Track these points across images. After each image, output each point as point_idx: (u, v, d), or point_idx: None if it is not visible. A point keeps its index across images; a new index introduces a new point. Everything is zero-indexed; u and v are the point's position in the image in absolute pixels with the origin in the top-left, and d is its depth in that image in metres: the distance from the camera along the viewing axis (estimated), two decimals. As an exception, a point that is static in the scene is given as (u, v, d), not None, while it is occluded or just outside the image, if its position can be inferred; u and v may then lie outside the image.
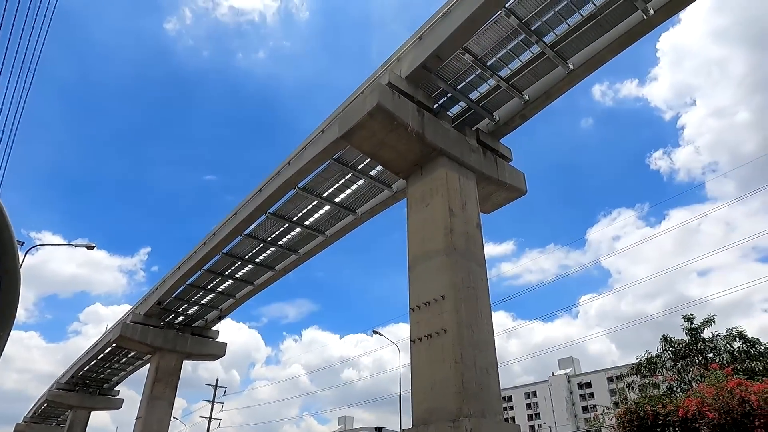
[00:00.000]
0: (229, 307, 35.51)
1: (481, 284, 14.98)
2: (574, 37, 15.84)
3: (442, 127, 16.67)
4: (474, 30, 15.32)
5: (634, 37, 15.51)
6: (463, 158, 16.68)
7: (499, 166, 18.37)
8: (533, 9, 15.18)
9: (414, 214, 16.40)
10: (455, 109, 18.68)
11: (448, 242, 14.64)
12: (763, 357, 20.37)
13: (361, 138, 16.11)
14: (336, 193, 23.56)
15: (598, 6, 15.00)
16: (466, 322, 13.56)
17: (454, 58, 16.52)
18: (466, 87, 17.74)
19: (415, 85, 16.53)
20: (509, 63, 16.93)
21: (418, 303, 14.59)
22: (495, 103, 18.37)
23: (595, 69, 16.73)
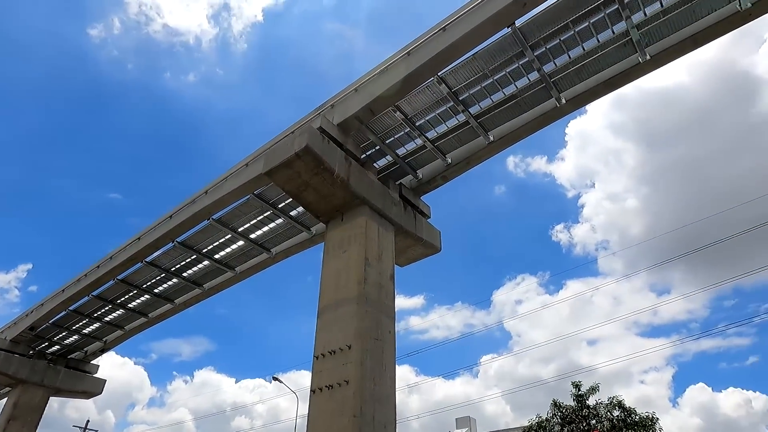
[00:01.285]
0: (116, 340, 32.33)
1: (389, 337, 14.98)
2: (497, 112, 17.18)
3: (367, 177, 17.01)
4: (407, 91, 16.15)
5: (547, 120, 17.12)
6: (384, 210, 17.03)
7: (418, 222, 18.94)
8: (463, 81, 16.35)
9: (330, 259, 16.28)
10: (382, 161, 19.24)
11: (360, 291, 14.61)
12: (638, 426, 21.97)
13: (285, 177, 15.97)
14: (252, 230, 22.88)
15: (519, 88, 16.48)
16: (369, 375, 13.37)
17: (386, 113, 17.20)
18: (395, 142, 18.42)
19: (345, 133, 16.88)
20: (436, 126, 17.90)
21: (323, 351, 14.22)
22: (420, 162, 19.18)
23: (512, 143, 18.15)
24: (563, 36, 15.02)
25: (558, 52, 15.45)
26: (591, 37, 15.01)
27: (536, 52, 15.34)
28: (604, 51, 15.29)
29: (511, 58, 15.67)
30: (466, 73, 16.16)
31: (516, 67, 15.88)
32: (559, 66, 15.77)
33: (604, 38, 15.00)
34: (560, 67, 15.81)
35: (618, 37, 14.91)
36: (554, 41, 15.16)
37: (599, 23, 14.65)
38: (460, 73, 16.14)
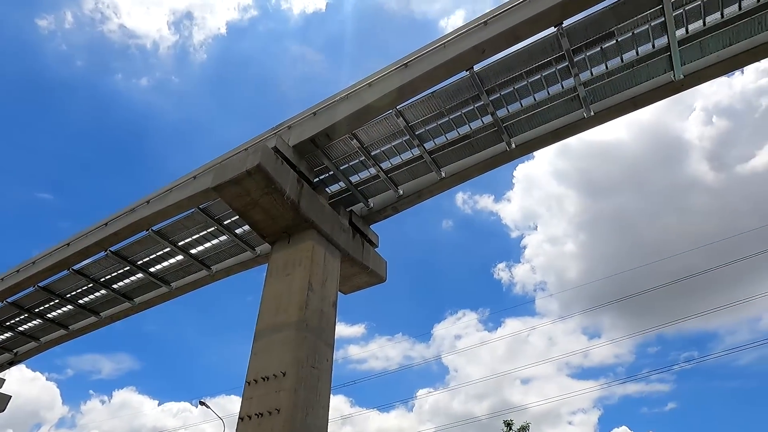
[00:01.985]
0: (29, 352, 29.75)
1: (326, 365, 14.65)
2: (450, 150, 17.68)
3: (318, 202, 16.91)
4: (366, 120, 16.38)
5: (497, 162, 17.79)
6: (332, 235, 16.92)
7: (365, 251, 18.92)
8: (420, 117, 16.78)
9: (272, 281, 15.89)
10: (335, 187, 19.23)
11: (301, 317, 14.29)
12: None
13: (234, 193, 15.60)
14: (194, 245, 22.03)
15: (473, 129, 17.09)
16: (302, 404, 12.96)
17: (342, 140, 17.31)
18: (349, 169, 18.50)
19: (300, 155, 16.80)
20: (391, 158, 18.17)
21: (256, 376, 13.69)
22: (372, 191, 19.31)
23: (463, 181, 18.67)
24: (517, 85, 15.82)
25: (511, 99, 16.22)
26: (542, 89, 15.90)
27: (491, 97, 16.04)
28: (553, 103, 16.21)
29: (467, 100, 16.29)
30: (424, 110, 16.61)
31: (471, 109, 16.51)
32: (512, 112, 16.54)
33: (554, 91, 15.93)
34: (512, 114, 16.58)
35: (566, 91, 15.87)
36: (508, 89, 15.93)
37: (550, 77, 15.56)
38: (418, 108, 16.57)
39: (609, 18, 14.20)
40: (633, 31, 14.46)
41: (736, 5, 13.84)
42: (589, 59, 15.10)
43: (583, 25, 14.33)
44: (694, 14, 14.08)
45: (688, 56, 14.88)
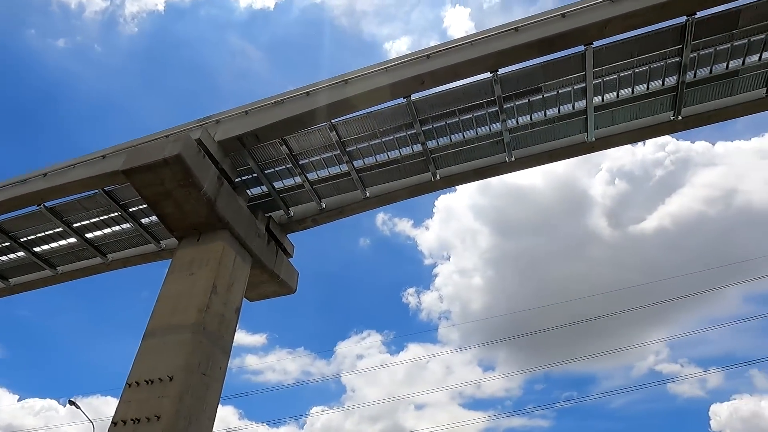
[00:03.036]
0: None
1: (218, 373, 13.96)
2: (378, 171, 17.93)
3: (236, 203, 16.32)
4: (298, 128, 16.20)
5: (421, 190, 18.30)
6: (246, 239, 16.35)
7: (279, 259, 18.48)
8: (353, 134, 16.90)
9: (174, 279, 14.98)
10: (256, 190, 18.69)
11: (199, 320, 13.55)
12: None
13: (146, 181, 14.64)
14: (91, 228, 20.27)
15: (403, 155, 17.49)
16: (186, 413, 12.19)
17: (271, 144, 16.96)
18: (274, 175, 18.11)
19: (224, 152, 16.20)
20: (319, 170, 18.05)
21: (139, 378, 12.70)
22: (294, 200, 19.00)
23: (386, 204, 18.96)
24: (449, 120, 16.49)
25: (442, 133, 16.86)
26: (472, 128, 16.69)
27: (424, 127, 16.56)
28: (480, 143, 17.07)
29: (401, 126, 16.69)
30: (358, 128, 16.77)
31: (404, 135, 16.92)
32: (441, 145, 17.17)
33: (482, 132, 16.79)
34: (441, 147, 17.21)
35: (493, 134, 16.79)
36: (441, 122, 16.56)
37: (481, 118, 16.40)
38: (353, 126, 16.69)
39: (539, 74, 15.33)
40: (558, 90, 15.70)
41: (644, 85, 15.54)
42: (517, 108, 16.14)
43: (516, 76, 15.34)
44: (610, 86, 15.61)
45: (601, 122, 16.40)
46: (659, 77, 15.36)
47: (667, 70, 15.18)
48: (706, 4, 13.52)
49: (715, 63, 15.06)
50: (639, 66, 15.14)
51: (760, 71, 15.17)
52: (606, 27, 13.74)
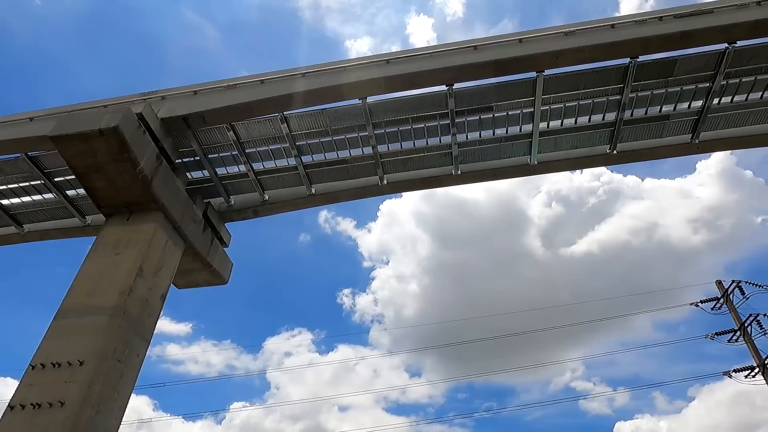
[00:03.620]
0: None
1: (135, 361, 13.24)
2: (326, 169, 17.79)
3: (174, 184, 15.61)
4: (248, 116, 15.78)
5: (367, 193, 18.34)
6: (181, 223, 15.66)
7: (213, 248, 17.85)
8: (304, 129, 16.68)
9: (96, 257, 14.08)
10: (197, 174, 17.99)
11: (120, 303, 12.80)
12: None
13: (77, 151, 13.68)
14: (7, 194, 18.68)
15: (352, 156, 17.46)
16: (95, 401, 11.46)
17: (218, 128, 16.40)
18: (217, 160, 17.51)
19: (167, 131, 15.46)
20: (265, 160, 17.65)
21: (45, 361, 11.80)
22: (236, 188, 18.46)
23: (331, 203, 18.84)
24: (402, 127, 16.66)
25: (393, 139, 16.99)
26: (423, 137, 16.96)
27: (376, 131, 16.63)
28: (429, 153, 17.37)
29: (353, 127, 16.65)
30: (310, 123, 16.57)
31: (356, 136, 16.90)
32: (391, 151, 17.30)
33: (432, 143, 17.10)
34: (391, 152, 17.34)
35: (443, 146, 17.14)
36: (393, 128, 16.70)
37: (432, 129, 16.69)
38: (305, 120, 16.47)
39: (492, 94, 15.84)
40: (508, 112, 16.29)
41: (587, 117, 16.45)
42: (468, 124, 16.58)
43: (470, 92, 15.76)
44: (556, 114, 16.39)
45: (544, 147, 17.17)
46: (600, 112, 16.31)
47: (608, 106, 16.15)
48: (648, 50, 14.53)
49: (650, 105, 16.21)
50: (584, 99, 16.01)
51: (688, 118, 16.48)
52: (558, 58, 14.43)
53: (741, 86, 15.76)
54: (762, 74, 15.46)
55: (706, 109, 16.03)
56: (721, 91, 15.73)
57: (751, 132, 16.77)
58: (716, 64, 15.07)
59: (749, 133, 16.78)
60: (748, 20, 13.68)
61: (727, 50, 14.68)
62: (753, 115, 16.49)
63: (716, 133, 16.86)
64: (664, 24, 14.13)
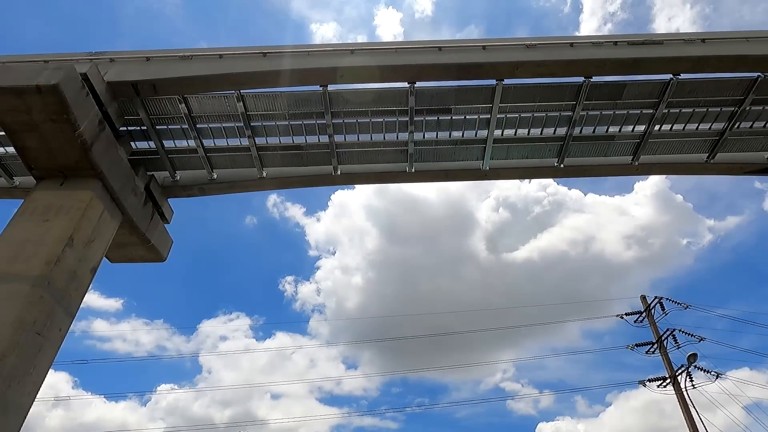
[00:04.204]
0: None
1: (56, 335, 12.49)
2: (279, 154, 17.45)
3: (116, 153, 14.81)
4: (203, 90, 15.20)
5: (320, 182, 18.15)
6: (120, 194, 14.88)
7: (153, 223, 17.10)
8: (261, 110, 16.26)
9: (22, 221, 13.13)
10: (142, 144, 17.14)
11: (45, 273, 12.02)
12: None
13: (10, 105, 12.67)
14: (-76, 145, 17.06)
15: (308, 143, 17.21)
16: (7, 375, 10.72)
17: (169, 99, 15.70)
18: (166, 132, 16.76)
19: (113, 95, 14.62)
20: (217, 138, 17.08)
21: (-47, 329, 10.90)
22: (184, 164, 17.76)
23: (281, 188, 18.52)
24: (361, 119, 16.60)
25: (351, 130, 16.90)
26: (381, 132, 16.97)
27: (335, 120, 16.47)
28: (386, 148, 17.41)
29: (312, 114, 16.42)
30: (268, 105, 16.18)
31: (313, 123, 16.67)
32: (348, 142, 17.21)
33: (390, 138, 17.15)
34: (348, 143, 17.25)
35: (399, 143, 17.23)
36: (352, 119, 16.61)
37: (390, 125, 16.74)
38: (262, 101, 16.07)
39: (452, 96, 16.07)
40: (465, 116, 16.59)
41: (539, 129, 17.04)
42: (426, 123, 16.75)
43: (431, 92, 15.92)
44: (510, 123, 16.86)
45: (497, 154, 17.63)
46: (552, 126, 16.94)
47: (560, 121, 16.80)
48: (602, 72, 15.21)
49: (598, 124, 17.00)
50: (538, 111, 16.57)
51: (632, 141, 17.42)
52: (518, 68, 14.83)
53: (680, 116, 16.83)
54: (699, 107, 16.58)
55: (647, 134, 17.01)
56: (662, 118, 16.73)
57: (684, 160, 17.96)
58: (660, 93, 16.01)
59: (682, 160, 17.97)
60: (692, 55, 14.61)
61: (672, 81, 15.64)
62: (687, 144, 17.66)
63: (654, 157, 17.93)
64: (618, 49, 14.83)
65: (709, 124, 17.04)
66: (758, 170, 18.13)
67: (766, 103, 16.52)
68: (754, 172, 18.28)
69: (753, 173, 18.41)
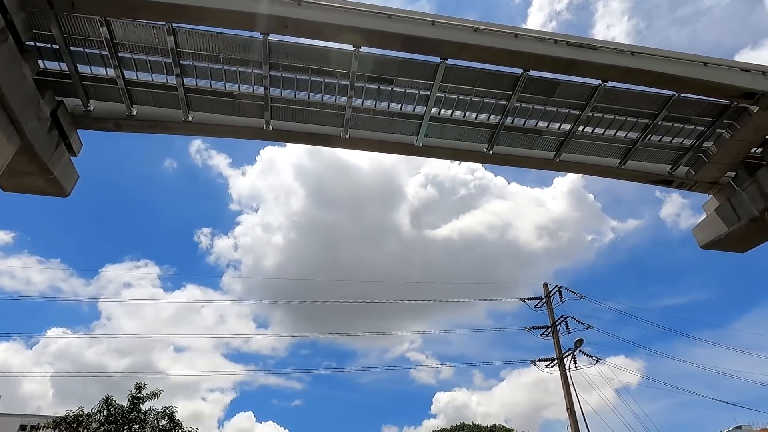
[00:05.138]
0: None
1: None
2: (209, 98, 16.47)
3: (18, 69, 13.20)
4: (129, 15, 13.85)
5: (249, 134, 17.43)
6: (20, 116, 13.33)
7: (58, 154, 15.60)
8: (194, 48, 15.17)
9: None
10: (53, 65, 15.41)
11: None
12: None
13: None
14: None
15: (242, 92, 16.36)
16: None
17: (90, 19, 14.17)
18: (80, 55, 15.16)
19: (21, 3, 12.92)
20: (140, 71, 15.75)
21: None
22: (100, 94, 16.24)
23: (207, 135, 17.58)
24: (300, 75, 16.03)
25: (289, 85, 16.29)
26: (319, 92, 16.52)
27: (272, 72, 15.75)
28: (323, 110, 17.01)
29: (249, 62, 15.59)
30: (201, 44, 15.11)
31: (249, 72, 15.87)
32: (284, 97, 16.59)
33: (327, 100, 16.75)
34: (284, 99, 16.63)
35: (337, 106, 16.90)
36: (291, 74, 15.99)
37: (330, 87, 16.33)
38: (197, 39, 14.97)
39: (395, 67, 15.96)
40: (406, 89, 16.58)
41: (474, 114, 17.43)
42: (366, 91, 16.53)
43: (375, 60, 15.68)
44: (448, 103, 17.09)
45: (432, 132, 17.87)
46: (487, 112, 17.41)
47: (495, 109, 17.30)
48: (540, 67, 15.77)
49: (529, 117, 17.71)
50: (476, 96, 16.92)
51: (557, 138, 18.37)
52: (463, 50, 14.97)
53: (602, 121, 17.96)
54: (620, 115, 17.78)
55: (571, 134, 18.01)
56: (587, 120, 17.77)
57: (599, 162, 19.29)
58: (589, 96, 16.95)
59: (597, 163, 19.29)
60: (621, 65, 15.53)
61: (600, 87, 16.58)
62: (605, 148, 18.95)
63: (574, 156, 19.07)
64: (557, 47, 15.40)
65: (625, 132, 18.36)
66: (660, 181, 19.92)
67: (676, 121, 18.06)
68: (656, 182, 20.06)
69: (656, 183, 20.21)
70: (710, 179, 19.46)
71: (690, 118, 17.97)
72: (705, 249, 20.33)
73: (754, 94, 16.13)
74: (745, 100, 16.58)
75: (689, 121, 18.09)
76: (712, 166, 18.87)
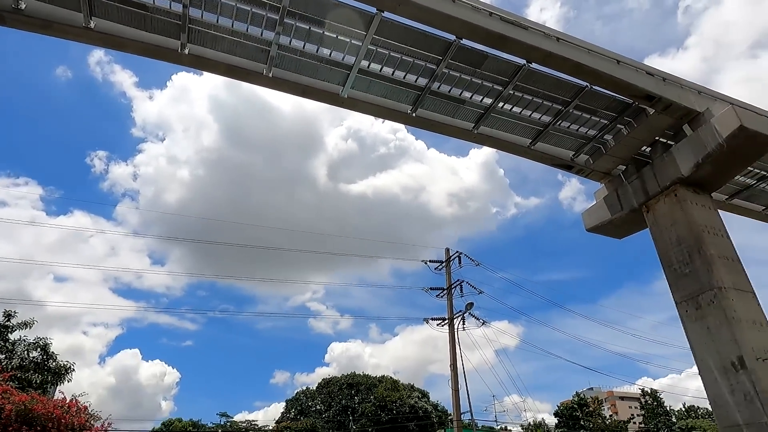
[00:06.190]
0: None
1: None
2: (117, 6, 14.60)
3: None
4: None
5: (162, 55, 15.93)
6: None
7: None
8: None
9: None
10: None
11: None
12: (51, 371, 21.08)
13: None
14: None
15: (156, 5, 14.73)
16: None
17: None
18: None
19: None
20: (34, -41, 13.57)
21: None
22: (-21, -24, 13.79)
23: (111, 48, 15.80)
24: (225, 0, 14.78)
25: (211, 8, 14.96)
26: (245, 22, 15.36)
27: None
28: (246, 42, 15.91)
29: (168, -27, 14.02)
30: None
31: (167, -15, 14.30)
32: (204, 20, 15.24)
33: (253, 32, 15.66)
34: (204, 23, 15.29)
35: (263, 41, 15.88)
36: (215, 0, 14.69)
37: (257, 17, 15.23)
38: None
39: (329, 10, 15.25)
40: (338, 36, 15.97)
41: (403, 73, 17.32)
42: (296, 30, 15.68)
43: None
44: (379, 58, 16.77)
45: (358, 85, 17.53)
46: (416, 74, 17.37)
47: (423, 72, 17.30)
48: (472, 37, 15.95)
49: (454, 86, 17.97)
50: (406, 55, 16.77)
51: (477, 110, 18.91)
52: (400, 5, 14.66)
53: (521, 101, 18.73)
54: (537, 98, 18.64)
55: (491, 108, 18.63)
56: (507, 98, 18.42)
57: (512, 140, 20.26)
58: (513, 75, 17.53)
59: (511, 140, 20.24)
60: (546, 49, 16.18)
61: (524, 67, 17.19)
62: (519, 127, 19.88)
63: (491, 131, 19.82)
64: (491, 20, 15.62)
65: (540, 114, 19.34)
66: (562, 165, 21.44)
67: (585, 111, 19.35)
68: (559, 165, 21.56)
69: (558, 167, 21.71)
70: (605, 169, 21.29)
71: (596, 110, 19.33)
72: (590, 232, 22.42)
73: (653, 97, 17.68)
74: (645, 101, 18.13)
75: (595, 113, 19.46)
76: (608, 157, 20.63)
